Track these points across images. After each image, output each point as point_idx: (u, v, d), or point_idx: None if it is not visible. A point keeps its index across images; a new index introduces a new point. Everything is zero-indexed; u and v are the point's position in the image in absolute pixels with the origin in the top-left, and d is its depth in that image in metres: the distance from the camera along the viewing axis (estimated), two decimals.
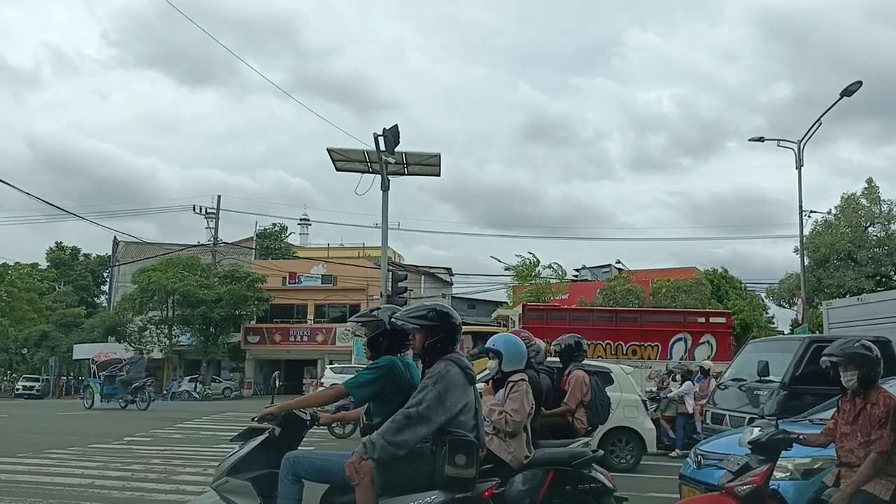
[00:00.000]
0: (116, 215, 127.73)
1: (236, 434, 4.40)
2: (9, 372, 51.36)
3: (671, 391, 13.59)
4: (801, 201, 24.41)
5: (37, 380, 46.33)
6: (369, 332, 4.28)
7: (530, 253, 38.88)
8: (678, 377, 13.84)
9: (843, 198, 29.54)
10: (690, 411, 12.82)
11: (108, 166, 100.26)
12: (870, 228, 28.90)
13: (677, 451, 12.34)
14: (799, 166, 23.63)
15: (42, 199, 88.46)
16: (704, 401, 12.69)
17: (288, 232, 59.41)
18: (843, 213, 29.01)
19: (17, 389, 44.38)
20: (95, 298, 59.10)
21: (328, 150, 20.07)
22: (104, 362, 32.91)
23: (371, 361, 4.25)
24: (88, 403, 25.73)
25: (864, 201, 29.05)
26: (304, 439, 4.48)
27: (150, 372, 41.84)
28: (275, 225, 58.21)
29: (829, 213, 29.47)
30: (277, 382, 32.22)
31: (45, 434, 15.09)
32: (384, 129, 16.97)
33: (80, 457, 11.35)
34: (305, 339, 43.68)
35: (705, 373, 13.47)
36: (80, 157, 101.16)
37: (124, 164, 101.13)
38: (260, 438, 4.19)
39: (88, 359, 43.62)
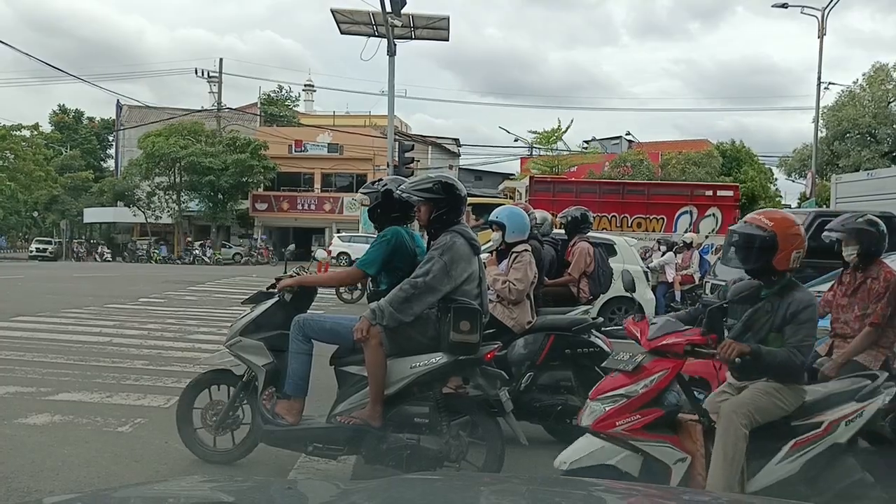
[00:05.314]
0: (110, 78, 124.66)
1: (247, 297, 4.53)
2: (21, 234, 52.08)
3: (653, 261, 13.94)
4: (820, 72, 23.67)
5: (49, 242, 47.04)
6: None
7: (558, 120, 38.35)
8: (662, 248, 14.21)
9: (873, 67, 28.29)
10: (670, 280, 13.25)
11: (91, 25, 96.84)
12: (892, 105, 27.88)
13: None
14: (821, 35, 22.72)
15: (40, 59, 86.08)
16: (686, 271, 13.24)
17: (296, 99, 58.18)
18: (869, 84, 27.89)
19: (31, 251, 45.09)
20: (102, 162, 58.81)
21: (332, 11, 19.28)
22: None
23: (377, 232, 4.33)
24: None
25: (894, 74, 27.83)
26: (313, 304, 4.62)
27: (160, 237, 42.77)
28: (282, 88, 56.93)
29: (855, 82, 28.40)
30: (290, 253, 32.67)
31: (62, 294, 15.55)
32: None
33: (97, 316, 11.73)
34: (313, 207, 43.86)
35: (688, 245, 13.78)
36: (62, 14, 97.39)
37: (109, 23, 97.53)
38: (270, 302, 4.31)
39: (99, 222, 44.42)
